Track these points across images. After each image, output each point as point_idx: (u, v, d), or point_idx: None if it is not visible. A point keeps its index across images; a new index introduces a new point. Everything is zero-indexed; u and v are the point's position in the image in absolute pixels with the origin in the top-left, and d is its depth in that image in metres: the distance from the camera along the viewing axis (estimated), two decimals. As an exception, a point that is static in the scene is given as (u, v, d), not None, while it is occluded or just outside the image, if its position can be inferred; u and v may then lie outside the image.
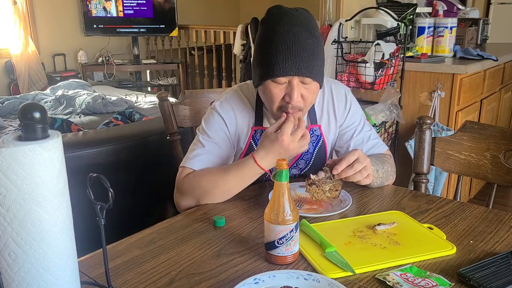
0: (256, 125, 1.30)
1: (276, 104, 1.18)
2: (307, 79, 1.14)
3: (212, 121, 1.30)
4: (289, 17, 1.13)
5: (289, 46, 1.11)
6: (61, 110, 3.20)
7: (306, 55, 1.12)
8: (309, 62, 1.12)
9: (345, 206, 1.15)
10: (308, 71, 1.13)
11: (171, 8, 4.87)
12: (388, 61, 2.36)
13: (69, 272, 0.72)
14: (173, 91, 5.34)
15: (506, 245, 0.97)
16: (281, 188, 0.90)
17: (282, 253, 0.91)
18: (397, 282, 0.82)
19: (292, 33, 1.11)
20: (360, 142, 1.35)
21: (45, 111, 0.67)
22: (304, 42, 1.12)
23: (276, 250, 0.90)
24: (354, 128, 1.36)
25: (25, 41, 4.28)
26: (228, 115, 1.29)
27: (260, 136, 1.28)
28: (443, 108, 2.50)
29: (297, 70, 1.11)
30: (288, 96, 1.14)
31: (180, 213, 1.17)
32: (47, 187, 0.66)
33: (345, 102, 1.36)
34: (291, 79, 1.13)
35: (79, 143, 1.72)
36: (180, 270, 0.90)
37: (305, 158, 1.34)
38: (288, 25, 1.12)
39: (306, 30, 1.13)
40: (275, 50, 1.12)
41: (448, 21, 2.74)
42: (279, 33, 1.12)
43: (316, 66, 1.15)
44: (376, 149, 1.37)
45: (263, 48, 1.15)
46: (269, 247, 0.91)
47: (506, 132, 1.38)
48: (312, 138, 1.31)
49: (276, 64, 1.11)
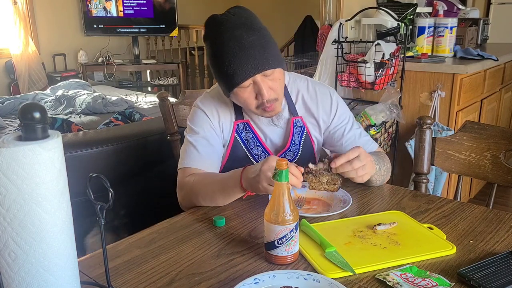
0: (237, 119, 1.34)
1: (253, 105, 1.22)
2: (267, 72, 1.17)
3: (196, 117, 1.33)
4: (226, 24, 1.17)
5: (237, 52, 1.14)
6: (61, 110, 3.20)
7: (256, 52, 1.15)
8: (261, 57, 1.16)
9: (345, 206, 1.15)
10: (264, 64, 1.16)
11: (171, 8, 4.87)
12: (388, 61, 2.36)
13: (69, 272, 0.72)
14: (173, 91, 5.34)
15: (506, 245, 0.97)
16: (281, 188, 0.90)
17: (282, 253, 0.91)
18: (397, 282, 0.82)
19: (235, 38, 1.15)
20: (352, 140, 1.37)
21: (45, 111, 0.67)
22: (248, 42, 1.15)
23: (276, 250, 0.90)
24: (343, 126, 1.38)
25: (25, 41, 4.28)
26: (210, 110, 1.33)
27: (242, 129, 1.33)
28: (443, 108, 2.50)
29: (254, 69, 1.15)
30: (260, 95, 1.19)
31: (180, 213, 1.17)
32: (47, 187, 0.66)
33: (331, 103, 1.37)
34: (254, 79, 1.17)
35: (79, 143, 1.72)
36: (180, 270, 0.90)
37: (293, 149, 1.36)
38: (228, 32, 1.16)
39: (246, 29, 1.16)
40: (227, 61, 1.15)
41: (448, 21, 2.74)
42: (224, 44, 1.16)
43: (270, 56, 1.17)
44: (368, 146, 1.39)
45: (216, 63, 1.19)
46: (269, 247, 0.91)
47: (506, 132, 1.38)
48: (296, 129, 1.35)
49: (234, 73, 1.16)
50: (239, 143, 1.33)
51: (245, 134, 1.34)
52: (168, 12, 4.88)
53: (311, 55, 4.15)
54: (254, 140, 1.34)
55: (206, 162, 1.27)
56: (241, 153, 1.33)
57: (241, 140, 1.33)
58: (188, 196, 1.23)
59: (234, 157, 1.33)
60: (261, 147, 1.34)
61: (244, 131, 1.34)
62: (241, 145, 1.33)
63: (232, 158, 1.33)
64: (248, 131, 1.33)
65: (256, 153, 1.34)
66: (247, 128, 1.34)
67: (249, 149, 1.34)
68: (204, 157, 1.27)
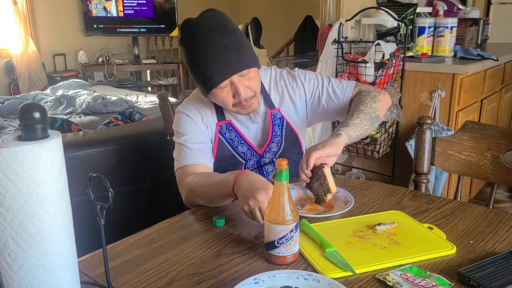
0: (219, 120, 1.37)
1: (230, 104, 1.27)
2: (243, 72, 1.22)
3: (180, 121, 1.37)
4: (200, 28, 1.21)
5: (213, 55, 1.19)
6: (61, 110, 3.20)
7: (231, 54, 1.20)
8: (236, 58, 1.20)
9: (347, 207, 1.15)
10: (240, 65, 1.21)
11: (171, 8, 4.87)
12: (389, 61, 2.36)
13: (69, 272, 0.72)
14: (173, 91, 5.34)
15: (506, 245, 0.97)
16: (281, 188, 0.90)
17: (282, 253, 0.90)
18: (397, 282, 0.82)
19: (210, 41, 1.19)
20: (328, 98, 1.40)
21: (45, 111, 0.67)
22: (223, 44, 1.20)
23: (276, 250, 0.90)
24: (316, 90, 1.42)
25: (25, 41, 4.28)
26: (192, 112, 1.36)
27: (226, 129, 1.37)
28: (443, 108, 2.50)
29: (231, 71, 1.20)
30: (237, 94, 1.24)
31: (180, 213, 1.17)
32: (47, 187, 0.66)
33: (296, 80, 1.43)
34: (230, 80, 1.22)
35: (79, 143, 1.72)
36: (180, 270, 0.90)
37: (275, 141, 1.39)
38: (203, 35, 1.20)
39: (220, 32, 1.21)
40: (204, 64, 1.20)
41: (448, 21, 2.74)
42: (199, 47, 1.20)
43: (245, 57, 1.22)
44: (346, 90, 1.40)
45: (193, 66, 1.24)
46: (269, 247, 0.91)
47: (506, 132, 1.38)
48: (275, 121, 1.39)
49: (211, 75, 1.20)
50: (224, 143, 1.36)
51: (229, 134, 1.37)
52: (168, 12, 4.88)
53: (311, 55, 4.14)
54: (238, 138, 1.37)
55: (200, 157, 1.30)
56: (227, 152, 1.36)
57: (225, 140, 1.36)
58: (189, 197, 1.24)
59: (221, 157, 1.36)
60: (246, 145, 1.38)
61: (228, 131, 1.37)
62: (226, 145, 1.36)
63: (220, 158, 1.36)
64: (231, 130, 1.37)
65: (242, 151, 1.38)
66: (230, 127, 1.37)
67: (234, 148, 1.37)
68: (197, 153, 1.30)
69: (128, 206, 1.83)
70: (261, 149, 1.39)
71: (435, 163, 1.48)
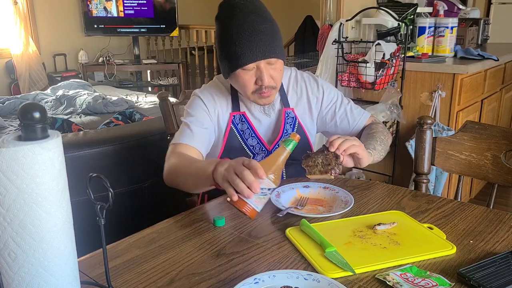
0: (234, 110, 1.38)
1: (250, 89, 1.28)
2: (272, 60, 1.24)
3: (193, 104, 1.39)
4: (241, 8, 1.23)
5: (249, 35, 1.21)
6: (61, 110, 3.20)
7: (266, 39, 1.22)
8: (270, 45, 1.23)
9: (347, 207, 1.15)
10: (271, 52, 1.23)
11: (172, 8, 4.87)
12: (389, 61, 2.36)
13: (69, 272, 0.72)
14: (173, 91, 5.34)
15: (506, 245, 0.97)
16: (283, 152, 1.01)
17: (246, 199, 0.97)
18: (397, 282, 0.82)
19: (248, 23, 1.21)
20: (344, 115, 1.43)
21: (44, 111, 0.67)
22: (261, 28, 1.22)
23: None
24: (333, 104, 1.44)
25: (26, 41, 4.28)
26: (207, 99, 1.38)
27: (238, 120, 1.38)
28: (443, 108, 2.50)
29: (262, 55, 1.22)
30: (260, 80, 1.25)
31: (180, 213, 1.17)
32: (47, 187, 0.66)
33: (317, 86, 1.44)
34: (258, 64, 1.23)
35: (80, 143, 1.72)
36: (180, 270, 0.90)
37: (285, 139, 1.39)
38: (242, 15, 1.22)
39: (259, 17, 1.23)
40: (237, 41, 1.21)
41: (448, 21, 2.74)
42: (236, 25, 1.22)
43: (277, 46, 1.25)
44: (361, 117, 1.43)
45: (225, 42, 1.24)
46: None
47: (507, 132, 1.38)
48: (288, 120, 1.41)
49: (242, 53, 1.21)
50: (235, 134, 1.37)
51: (241, 125, 1.38)
52: (168, 12, 4.88)
53: (312, 55, 4.15)
54: (249, 131, 1.38)
55: (197, 141, 1.31)
56: (237, 144, 1.37)
57: (237, 131, 1.38)
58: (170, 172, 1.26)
59: (230, 148, 1.37)
60: (256, 138, 1.39)
61: (240, 122, 1.38)
62: (237, 136, 1.37)
63: (228, 149, 1.37)
64: (244, 122, 1.38)
65: (251, 144, 1.38)
66: (243, 119, 1.38)
67: (244, 140, 1.38)
68: (196, 136, 1.32)
69: (128, 206, 1.83)
70: (270, 145, 1.40)
71: (436, 163, 1.48)
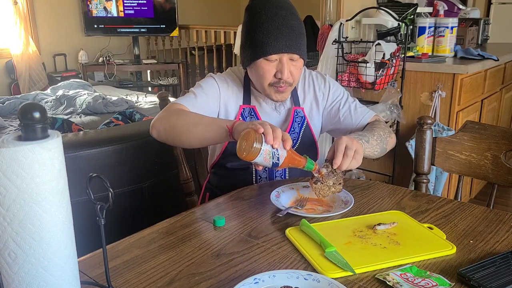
0: (245, 103, 1.39)
1: (268, 80, 1.29)
2: (295, 56, 1.27)
3: (207, 80, 1.39)
4: (274, 2, 1.27)
5: (278, 27, 1.23)
6: (61, 110, 3.20)
7: (293, 35, 1.25)
8: (296, 41, 1.25)
9: (347, 207, 1.14)
10: (296, 48, 1.25)
11: (172, 8, 4.87)
12: (389, 61, 2.36)
13: (69, 272, 0.72)
14: (173, 91, 5.34)
15: (506, 245, 0.97)
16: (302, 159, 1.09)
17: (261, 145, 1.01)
18: (397, 282, 0.82)
19: (279, 16, 1.24)
20: (347, 113, 1.42)
21: (44, 111, 0.67)
22: (290, 23, 1.25)
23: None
24: (338, 101, 1.45)
25: (26, 41, 4.28)
26: (222, 83, 1.39)
27: (248, 114, 1.39)
28: (443, 108, 2.50)
29: (287, 48, 1.24)
30: (280, 72, 1.26)
31: (180, 213, 1.17)
32: (47, 187, 0.66)
33: (324, 82, 1.46)
34: (281, 57, 1.25)
35: (80, 143, 1.72)
36: (180, 270, 0.90)
37: (292, 137, 1.39)
38: (274, 8, 1.25)
39: (290, 13, 1.27)
40: (266, 30, 1.24)
41: (448, 21, 2.74)
42: (267, 16, 1.25)
43: (302, 45, 1.28)
44: (365, 115, 1.43)
45: (253, 31, 1.26)
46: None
47: (507, 132, 1.38)
48: (297, 119, 1.41)
49: (268, 43, 1.23)
50: None
51: (249, 119, 1.38)
52: (168, 12, 4.88)
53: (312, 55, 4.14)
54: None
55: (197, 108, 1.30)
56: None
57: None
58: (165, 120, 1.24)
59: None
60: None
61: (249, 115, 1.38)
62: None
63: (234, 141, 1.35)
64: (253, 116, 1.38)
65: None
66: (252, 113, 1.38)
67: None
68: (198, 104, 1.31)
69: (128, 206, 1.83)
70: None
71: (436, 163, 1.48)
